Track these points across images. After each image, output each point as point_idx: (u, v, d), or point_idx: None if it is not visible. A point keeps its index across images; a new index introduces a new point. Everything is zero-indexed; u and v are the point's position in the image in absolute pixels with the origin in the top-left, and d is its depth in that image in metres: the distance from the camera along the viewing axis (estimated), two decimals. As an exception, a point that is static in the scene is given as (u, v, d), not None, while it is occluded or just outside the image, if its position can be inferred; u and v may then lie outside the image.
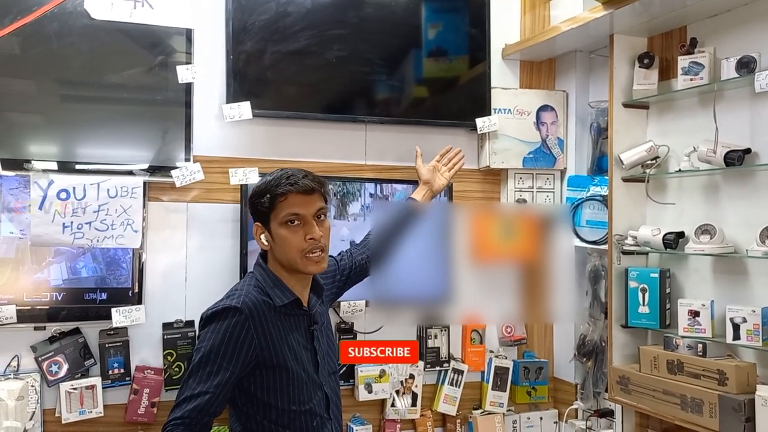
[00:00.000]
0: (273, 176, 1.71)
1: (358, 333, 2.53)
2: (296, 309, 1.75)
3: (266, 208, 1.70)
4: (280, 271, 1.75)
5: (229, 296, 1.71)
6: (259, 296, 1.69)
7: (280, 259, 1.73)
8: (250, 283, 1.74)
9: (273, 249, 1.73)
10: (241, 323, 1.63)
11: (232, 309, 1.64)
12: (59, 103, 2.23)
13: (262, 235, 1.74)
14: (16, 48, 2.14)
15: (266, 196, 1.69)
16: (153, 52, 2.29)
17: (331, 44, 2.44)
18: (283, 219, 1.69)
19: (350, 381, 2.49)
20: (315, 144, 2.51)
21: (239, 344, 1.63)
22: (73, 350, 2.18)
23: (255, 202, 1.72)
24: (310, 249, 1.70)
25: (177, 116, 2.31)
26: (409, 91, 2.60)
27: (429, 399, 2.63)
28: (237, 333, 1.63)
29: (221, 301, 1.70)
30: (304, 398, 1.71)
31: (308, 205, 1.70)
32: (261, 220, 1.73)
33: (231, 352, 1.62)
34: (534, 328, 2.81)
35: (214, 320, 1.65)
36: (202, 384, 1.60)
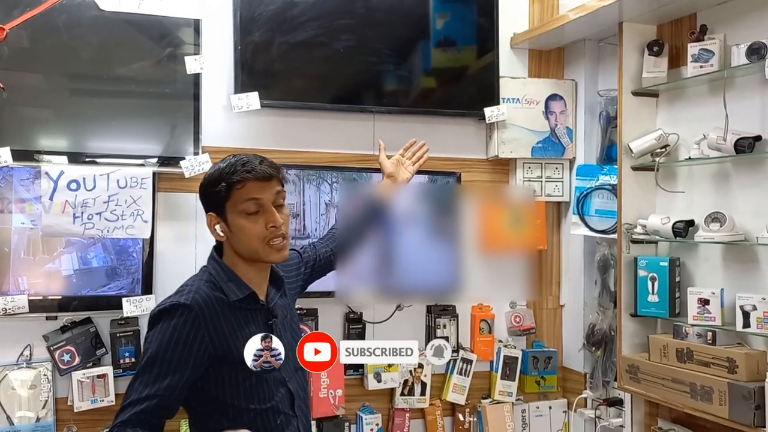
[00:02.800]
0: (227, 163, 1.60)
1: (366, 323, 2.54)
2: (253, 303, 1.64)
3: (222, 196, 1.58)
4: (237, 263, 1.63)
5: (179, 292, 1.59)
6: (210, 291, 1.58)
7: (239, 249, 1.62)
8: (202, 277, 1.62)
9: (230, 240, 1.61)
10: (190, 321, 1.52)
11: (181, 306, 1.53)
12: (68, 97, 2.25)
13: (217, 226, 1.61)
14: (25, 41, 2.15)
15: (221, 184, 1.57)
16: (161, 43, 2.30)
17: (338, 34, 2.44)
18: (241, 207, 1.58)
19: (359, 370, 2.51)
20: (323, 134, 2.52)
21: (189, 344, 1.52)
22: (85, 340, 2.20)
23: (209, 191, 1.60)
24: (272, 237, 1.60)
25: (185, 107, 2.32)
26: (417, 81, 2.59)
27: (438, 388, 2.64)
28: (186, 332, 1.52)
29: (170, 297, 1.58)
30: (265, 396, 1.61)
31: (267, 192, 1.59)
32: (215, 209, 1.60)
33: (180, 352, 1.51)
34: (543, 318, 2.81)
35: (161, 319, 1.53)
36: (149, 387, 1.48)
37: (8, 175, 2.15)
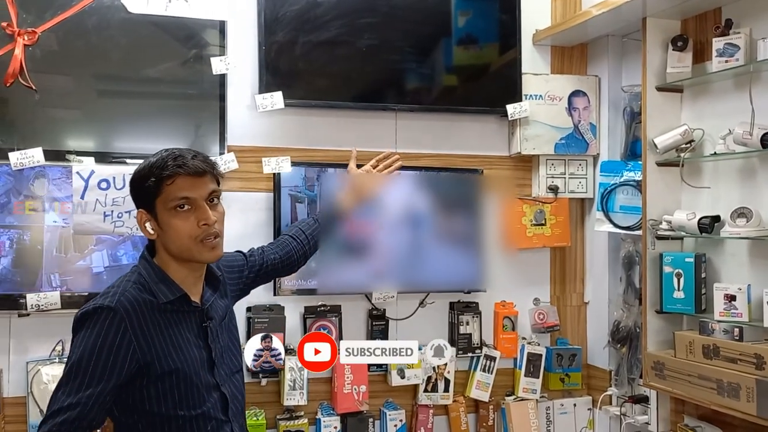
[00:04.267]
0: (158, 157, 1.51)
1: (390, 320, 2.56)
2: (185, 305, 1.55)
3: (152, 192, 1.49)
4: (169, 263, 1.55)
5: (104, 294, 1.49)
6: (138, 293, 1.49)
7: (170, 248, 1.53)
8: (130, 279, 1.53)
9: (161, 238, 1.53)
10: (116, 325, 1.43)
11: (105, 309, 1.44)
12: (97, 98, 2.30)
13: (148, 223, 1.53)
14: (55, 44, 2.20)
15: (151, 179, 1.49)
16: (187, 45, 2.34)
17: (361, 33, 2.46)
18: (172, 204, 1.49)
19: (383, 367, 2.52)
20: (346, 132, 2.54)
21: (115, 350, 1.43)
22: (115, 335, 2.24)
23: (138, 186, 1.52)
24: (204, 235, 1.51)
25: (211, 107, 2.36)
26: (440, 79, 2.60)
27: (461, 385, 2.64)
28: (112, 337, 1.43)
29: (94, 299, 1.49)
30: (195, 402, 1.52)
31: (199, 188, 1.50)
32: (145, 206, 1.52)
33: (106, 358, 1.42)
34: (567, 315, 2.80)
35: (85, 323, 1.44)
36: (72, 396, 1.39)
37: (41, 175, 2.20)
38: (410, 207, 2.53)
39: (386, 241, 2.50)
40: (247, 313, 2.41)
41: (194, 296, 1.58)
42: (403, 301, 2.55)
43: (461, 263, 2.58)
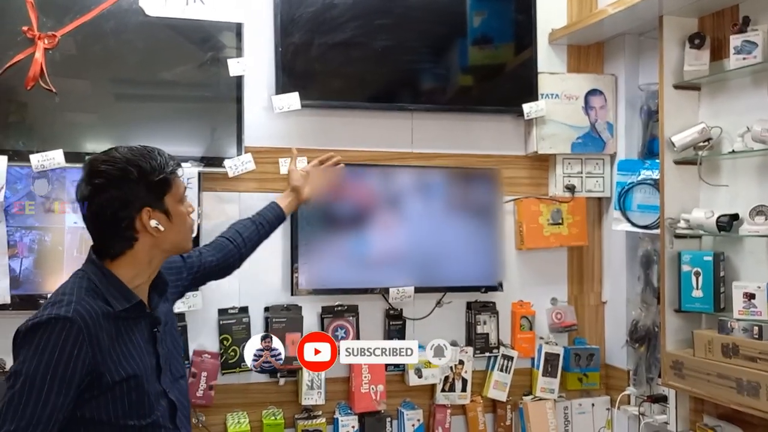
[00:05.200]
0: (144, 154, 1.48)
1: (407, 319, 2.56)
2: (138, 312, 1.49)
3: (162, 188, 1.49)
4: (129, 266, 1.48)
5: (55, 303, 1.38)
6: (92, 302, 1.41)
7: (168, 243, 1.52)
8: (81, 285, 1.44)
9: (161, 235, 1.49)
10: (73, 336, 1.34)
11: (62, 320, 1.34)
12: (114, 101, 2.32)
13: (153, 221, 1.47)
14: (73, 48, 2.23)
15: (160, 175, 1.47)
16: (203, 47, 2.36)
17: (376, 34, 2.47)
18: (179, 197, 1.53)
19: (400, 366, 2.53)
20: (362, 133, 2.55)
21: (72, 362, 1.33)
22: (135, 335, 2.27)
23: (145, 183, 1.46)
24: (192, 223, 1.61)
25: (228, 109, 2.38)
26: (455, 79, 2.61)
27: (479, 385, 2.64)
28: (69, 349, 1.33)
29: (44, 309, 1.38)
30: (146, 410, 1.46)
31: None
32: (150, 203, 1.47)
33: (63, 372, 1.32)
34: (584, 315, 2.79)
35: (37, 334, 1.34)
36: (28, 416, 1.29)
37: (61, 177, 2.23)
38: (426, 207, 2.53)
39: (403, 242, 2.50)
40: (265, 313, 2.43)
41: (144, 301, 1.53)
42: (420, 300, 2.55)
43: (478, 263, 2.59)
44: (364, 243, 2.46)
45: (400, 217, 2.51)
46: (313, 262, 2.42)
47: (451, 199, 2.57)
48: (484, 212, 2.61)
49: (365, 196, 2.49)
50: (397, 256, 2.50)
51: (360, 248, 2.46)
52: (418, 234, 2.52)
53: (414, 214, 2.52)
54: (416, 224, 2.52)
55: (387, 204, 2.50)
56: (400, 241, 2.50)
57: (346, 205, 2.47)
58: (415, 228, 2.52)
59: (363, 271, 2.47)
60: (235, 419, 2.34)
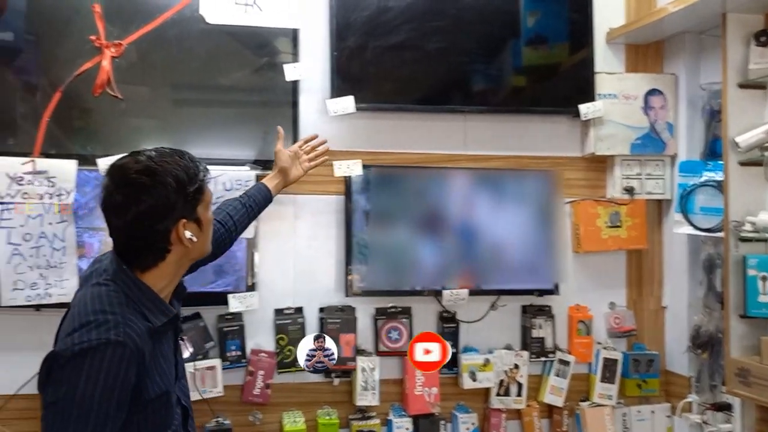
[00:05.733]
0: (178, 162, 1.40)
1: (460, 322, 2.55)
2: (171, 324, 1.44)
3: (196, 197, 1.42)
4: (156, 280, 1.41)
5: (101, 324, 1.29)
6: (136, 320, 1.33)
7: (197, 252, 1.46)
8: (120, 300, 1.34)
9: (192, 245, 1.42)
10: (126, 360, 1.27)
11: (112, 344, 1.26)
12: (173, 107, 2.39)
13: (187, 232, 1.40)
14: (136, 56, 2.31)
15: (194, 186, 1.40)
16: (260, 53, 2.41)
17: (430, 36, 2.47)
18: (210, 201, 1.48)
19: (453, 369, 2.52)
20: (415, 135, 2.56)
21: (126, 386, 1.28)
22: (195, 333, 2.33)
23: (187, 192, 1.39)
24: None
25: (284, 113, 2.41)
26: (508, 80, 2.59)
27: (534, 389, 2.60)
28: (123, 373, 1.26)
29: (89, 332, 1.28)
30: (168, 421, 1.42)
31: None
32: (186, 214, 1.40)
33: (118, 397, 1.26)
34: (644, 320, 2.72)
35: (86, 360, 1.24)
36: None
37: (126, 180, 2.31)
38: (480, 209, 2.52)
39: (457, 244, 2.49)
40: (320, 313, 2.46)
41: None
42: (474, 303, 2.53)
43: (533, 266, 2.56)
44: (417, 245, 2.47)
45: (453, 220, 2.50)
46: (366, 263, 2.44)
47: (505, 201, 2.55)
48: (540, 214, 2.58)
49: (419, 199, 2.49)
50: (450, 259, 2.49)
51: (413, 250, 2.46)
52: (472, 236, 2.51)
53: (467, 216, 2.51)
54: (470, 226, 2.51)
55: (440, 206, 2.50)
56: (453, 243, 2.49)
57: (400, 208, 2.47)
58: (469, 230, 2.51)
59: (416, 273, 2.47)
60: (291, 418, 2.37)
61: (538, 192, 2.58)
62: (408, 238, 2.46)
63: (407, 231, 2.47)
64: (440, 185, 2.51)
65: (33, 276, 2.16)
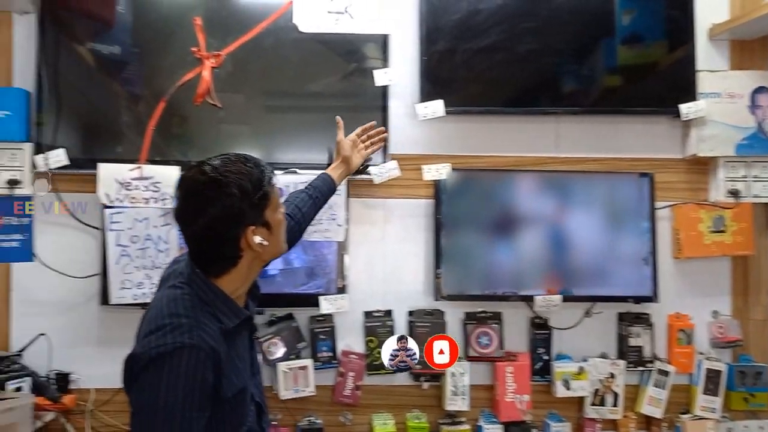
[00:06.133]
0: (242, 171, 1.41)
1: (553, 329, 2.49)
2: (244, 324, 1.49)
3: (263, 203, 1.44)
4: (229, 284, 1.45)
5: (175, 328, 1.33)
6: (210, 323, 1.37)
7: (269, 255, 1.50)
8: (193, 304, 1.39)
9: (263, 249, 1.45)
10: (202, 362, 1.31)
11: (187, 347, 1.30)
12: (265, 114, 2.46)
13: (257, 237, 1.43)
14: (233, 65, 2.40)
15: (261, 192, 1.42)
16: (350, 59, 2.44)
17: (521, 38, 2.44)
18: (278, 203, 1.49)
19: (546, 377, 2.46)
20: (505, 138, 2.53)
21: (206, 387, 1.32)
22: (288, 334, 2.38)
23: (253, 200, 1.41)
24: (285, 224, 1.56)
25: (374, 117, 2.41)
26: (602, 80, 2.51)
27: (631, 400, 2.50)
28: (201, 375, 1.31)
29: (164, 336, 1.32)
30: (243, 418, 1.46)
31: None
32: (254, 220, 1.42)
33: (199, 399, 1.30)
34: (750, 330, 2.57)
35: (165, 364, 1.29)
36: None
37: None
38: (574, 213, 2.46)
39: (549, 248, 2.44)
40: (409, 317, 2.46)
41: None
42: (567, 310, 2.47)
43: (630, 272, 2.46)
44: (508, 249, 2.43)
45: (545, 224, 2.45)
46: (456, 267, 2.43)
47: (600, 205, 2.47)
48: (637, 218, 2.48)
49: (509, 202, 2.46)
50: (542, 264, 2.44)
51: (504, 254, 2.43)
52: (564, 241, 2.45)
53: (560, 220, 2.45)
54: (562, 231, 2.45)
55: (531, 210, 2.45)
56: (545, 247, 2.44)
57: (490, 211, 2.45)
58: (561, 235, 2.45)
59: (507, 277, 2.44)
60: (381, 420, 2.39)
61: (635, 195, 2.49)
62: (498, 242, 2.43)
63: (497, 235, 2.44)
64: (531, 188, 2.46)
65: (139, 276, 2.29)
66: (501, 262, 2.43)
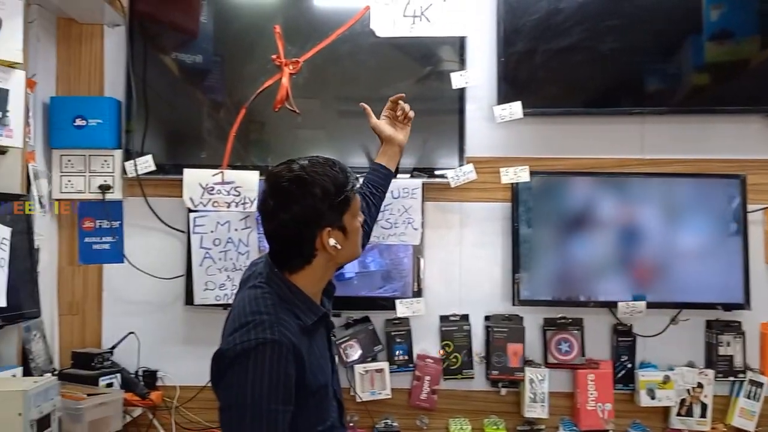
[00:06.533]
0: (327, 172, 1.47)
1: (637, 336, 2.41)
2: (321, 322, 1.53)
3: (342, 207, 1.48)
4: (305, 281, 1.50)
5: (257, 325, 1.38)
6: (289, 319, 1.42)
7: (343, 258, 1.55)
8: (273, 302, 1.44)
9: (337, 252, 1.49)
10: (284, 357, 1.35)
11: (269, 342, 1.35)
12: (338, 118, 2.49)
13: (332, 239, 1.47)
14: (310, 71, 2.43)
15: (342, 195, 1.47)
16: (425, 62, 2.44)
17: (603, 37, 2.38)
18: (357, 210, 1.54)
19: (630, 385, 2.39)
20: (586, 140, 2.47)
21: (289, 381, 1.36)
22: (365, 336, 2.40)
23: (333, 202, 1.46)
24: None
25: (450, 121, 2.43)
26: (689, 79, 2.43)
27: (720, 411, 2.40)
28: (284, 369, 1.35)
29: (248, 333, 1.37)
30: (328, 414, 1.51)
31: None
32: (330, 222, 1.47)
33: (284, 393, 1.34)
34: None
35: (249, 360, 1.34)
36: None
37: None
38: (659, 216, 2.37)
39: (633, 253, 2.37)
40: (485, 321, 2.44)
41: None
42: (652, 317, 2.38)
43: (720, 278, 2.35)
44: (589, 254, 2.37)
45: (629, 227, 2.37)
46: (535, 272, 2.38)
47: (688, 208, 2.37)
48: (726, 222, 2.37)
49: (589, 206, 2.39)
50: (625, 269, 2.36)
51: (585, 259, 2.37)
52: (649, 245, 2.36)
53: (645, 223, 2.37)
54: (647, 235, 2.37)
55: (614, 213, 2.38)
56: (629, 252, 2.37)
57: (569, 215, 2.39)
58: (645, 239, 2.36)
59: (588, 283, 2.37)
60: (458, 425, 2.37)
61: (725, 198, 2.38)
62: (578, 246, 2.37)
63: (577, 239, 2.38)
64: (614, 192, 2.39)
65: (221, 278, 2.35)
66: (581, 267, 2.37)
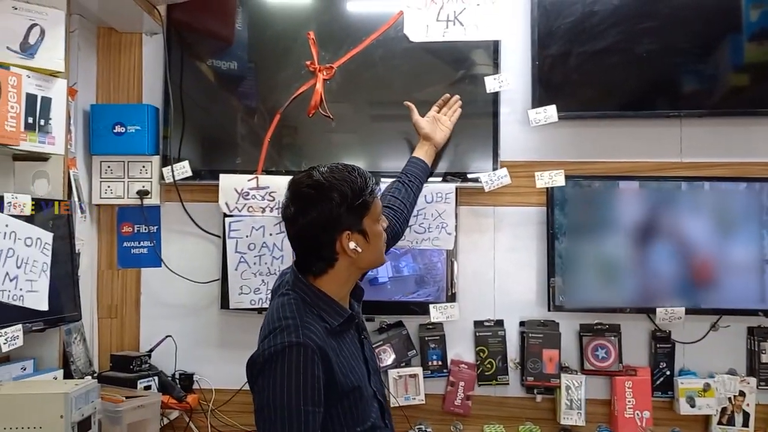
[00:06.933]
0: (345, 178, 1.53)
1: (676, 342, 2.37)
2: (349, 323, 1.57)
3: (362, 211, 1.54)
4: (329, 285, 1.56)
5: (283, 329, 1.44)
6: (314, 321, 1.48)
7: (365, 262, 1.59)
8: (298, 306, 1.50)
9: (358, 255, 1.55)
10: (310, 359, 1.40)
11: (295, 345, 1.40)
12: (370, 123, 2.49)
13: (352, 243, 1.53)
14: (343, 77, 2.44)
15: (361, 199, 1.53)
16: (458, 66, 2.43)
17: (640, 38, 2.34)
18: (378, 215, 1.59)
19: (669, 393, 2.34)
20: (622, 143, 2.43)
21: (317, 383, 1.41)
22: (399, 341, 2.39)
23: (351, 206, 1.51)
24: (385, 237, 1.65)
25: (484, 125, 2.41)
26: (727, 80, 2.37)
27: (763, 420, 2.33)
28: (311, 371, 1.40)
29: (274, 338, 1.43)
30: (367, 415, 1.55)
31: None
32: (350, 226, 1.53)
33: (312, 394, 1.39)
34: None
35: (276, 363, 1.40)
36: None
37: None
38: (698, 221, 2.32)
39: (671, 258, 2.32)
40: (520, 327, 2.42)
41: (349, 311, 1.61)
42: (691, 323, 2.34)
43: (761, 283, 2.30)
44: (626, 259, 2.33)
45: (667, 232, 2.33)
46: (571, 277, 2.35)
47: (727, 212, 2.32)
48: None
49: (626, 210, 2.35)
50: (664, 274, 2.32)
51: (622, 264, 2.33)
52: (688, 250, 2.31)
53: (684, 228, 2.32)
54: (685, 240, 2.32)
55: (651, 218, 2.34)
56: (667, 257, 2.32)
57: (606, 219, 2.36)
58: (684, 244, 2.32)
59: (625, 288, 2.33)
60: (493, 431, 2.35)
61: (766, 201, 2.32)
62: (614, 251, 2.33)
63: (613, 244, 2.34)
64: (651, 196, 2.35)
65: (256, 282, 2.38)
66: (618, 272, 2.33)
